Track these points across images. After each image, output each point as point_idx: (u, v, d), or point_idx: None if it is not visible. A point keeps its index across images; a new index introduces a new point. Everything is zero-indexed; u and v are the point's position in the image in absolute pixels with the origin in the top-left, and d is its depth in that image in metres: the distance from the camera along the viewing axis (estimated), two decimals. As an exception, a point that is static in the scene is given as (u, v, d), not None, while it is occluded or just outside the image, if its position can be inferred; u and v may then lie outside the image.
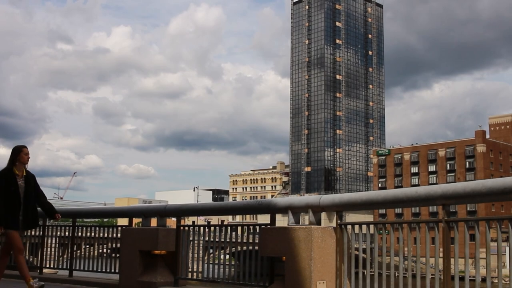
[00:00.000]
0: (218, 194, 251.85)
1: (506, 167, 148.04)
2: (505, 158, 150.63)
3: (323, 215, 8.20)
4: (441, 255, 6.40)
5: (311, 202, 8.03)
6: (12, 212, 9.11)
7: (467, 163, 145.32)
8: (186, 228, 10.02)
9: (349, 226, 7.51)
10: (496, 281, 5.88)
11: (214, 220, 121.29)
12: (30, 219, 9.39)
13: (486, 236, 6.00)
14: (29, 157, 9.46)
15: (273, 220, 8.59)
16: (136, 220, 11.60)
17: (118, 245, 10.83)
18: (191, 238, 9.98)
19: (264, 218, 8.72)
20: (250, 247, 8.83)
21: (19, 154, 9.42)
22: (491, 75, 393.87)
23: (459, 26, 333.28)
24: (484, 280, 5.85)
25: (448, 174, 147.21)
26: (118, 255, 10.89)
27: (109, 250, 11.58)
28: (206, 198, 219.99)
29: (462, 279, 6.09)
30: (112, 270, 11.19)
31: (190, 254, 9.94)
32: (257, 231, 8.78)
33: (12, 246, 9.18)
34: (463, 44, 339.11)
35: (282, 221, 8.32)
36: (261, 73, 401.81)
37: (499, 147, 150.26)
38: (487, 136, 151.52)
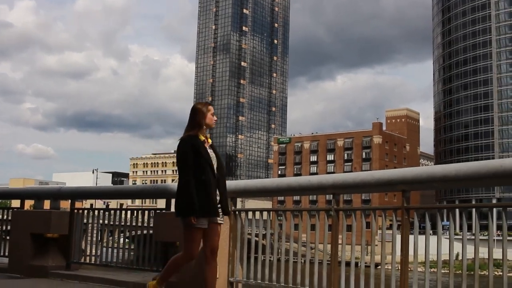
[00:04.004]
0: (118, 177, 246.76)
1: (399, 158, 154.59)
2: (399, 150, 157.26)
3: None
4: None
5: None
6: (207, 194, 6.36)
7: (364, 153, 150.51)
8: (80, 211, 9.82)
9: (243, 213, 7.66)
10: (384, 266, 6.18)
11: (113, 203, 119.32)
12: (226, 202, 6.67)
13: (371, 224, 6.30)
14: (216, 119, 6.90)
15: (168, 205, 8.56)
16: (30, 202, 11.27)
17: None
18: (85, 221, 9.80)
19: (163, 203, 8.65)
20: (145, 231, 8.80)
21: (205, 115, 6.63)
22: (391, 70, 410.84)
23: (363, 21, 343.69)
24: (370, 266, 6.17)
25: (345, 164, 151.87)
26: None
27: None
28: (106, 181, 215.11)
29: (348, 264, 6.39)
30: (1, 254, 10.84)
31: (87, 238, 9.77)
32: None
33: (207, 242, 6.48)
34: (367, 38, 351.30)
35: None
36: (168, 57, 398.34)
37: (394, 139, 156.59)
38: (384, 128, 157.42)
